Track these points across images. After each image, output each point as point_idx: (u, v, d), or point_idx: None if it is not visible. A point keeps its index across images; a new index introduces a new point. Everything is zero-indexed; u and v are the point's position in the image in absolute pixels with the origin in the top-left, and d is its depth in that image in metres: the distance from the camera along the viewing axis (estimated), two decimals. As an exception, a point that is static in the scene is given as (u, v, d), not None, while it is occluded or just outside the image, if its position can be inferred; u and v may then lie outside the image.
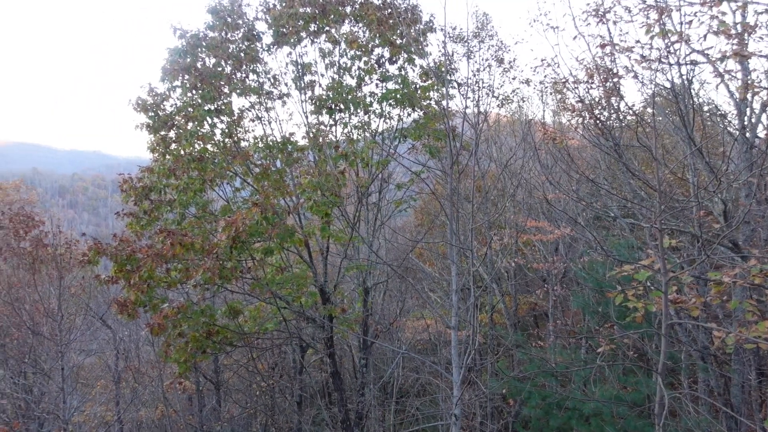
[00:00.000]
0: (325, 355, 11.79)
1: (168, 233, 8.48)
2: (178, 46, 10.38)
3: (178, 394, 15.24)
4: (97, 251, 8.91)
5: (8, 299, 13.27)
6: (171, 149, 10.55)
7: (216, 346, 9.87)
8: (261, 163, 11.05)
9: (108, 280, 9.18)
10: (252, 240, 9.27)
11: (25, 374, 13.15)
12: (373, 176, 11.30)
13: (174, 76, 10.15)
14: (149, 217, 10.30)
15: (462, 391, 7.45)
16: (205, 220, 10.69)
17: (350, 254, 11.34)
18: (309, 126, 11.02)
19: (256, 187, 10.79)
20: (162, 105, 10.51)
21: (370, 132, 11.14)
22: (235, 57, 10.49)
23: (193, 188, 10.25)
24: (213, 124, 10.70)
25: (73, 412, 11.69)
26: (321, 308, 10.69)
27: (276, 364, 15.49)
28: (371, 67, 10.90)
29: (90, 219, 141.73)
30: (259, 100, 11.04)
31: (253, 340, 11.45)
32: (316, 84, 11.06)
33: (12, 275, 14.54)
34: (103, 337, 16.37)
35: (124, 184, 10.40)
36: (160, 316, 8.52)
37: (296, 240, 10.02)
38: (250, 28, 10.72)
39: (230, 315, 9.65)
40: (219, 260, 8.61)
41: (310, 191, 9.91)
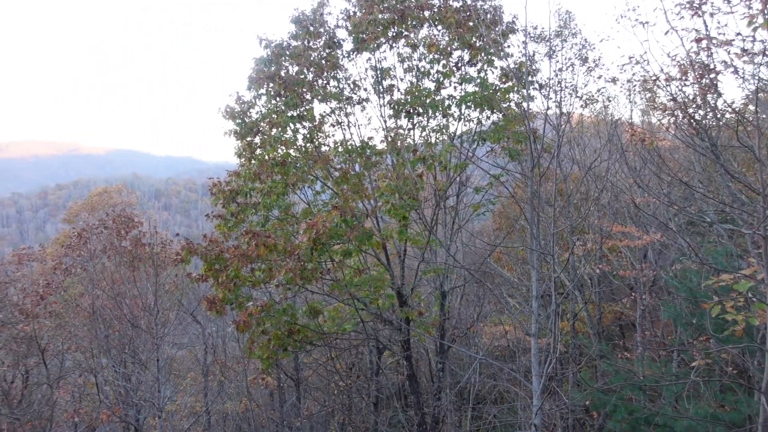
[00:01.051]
0: (401, 357, 11.85)
1: (253, 234, 8.86)
2: (263, 56, 10.86)
3: (261, 389, 15.85)
4: (188, 251, 9.47)
5: (111, 294, 14.41)
6: (256, 154, 11.02)
7: (297, 344, 10.19)
8: (340, 167, 11.30)
9: (198, 278, 9.74)
10: (332, 242, 9.49)
11: (125, 364, 14.18)
12: (451, 179, 11.23)
13: (260, 85, 10.62)
14: (236, 219, 10.81)
15: (542, 401, 7.23)
16: (288, 222, 11.07)
17: (427, 257, 11.33)
18: (387, 130, 11.14)
19: (336, 191, 11.04)
20: (248, 112, 11.02)
21: (449, 135, 11.09)
22: (317, 64, 10.81)
23: (276, 191, 10.65)
24: (295, 129, 11.07)
25: (166, 401, 12.47)
26: (398, 311, 10.75)
27: (353, 365, 15.74)
28: (450, 70, 10.86)
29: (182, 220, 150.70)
30: (339, 105, 11.30)
31: (332, 340, 11.70)
32: (394, 88, 11.17)
33: (115, 272, 15.75)
34: (194, 332, 17.35)
35: (214, 188, 10.98)
36: (245, 313, 8.91)
37: (374, 243, 10.15)
38: (331, 36, 11.01)
39: (310, 315, 9.93)
40: (300, 261, 8.89)
41: (388, 194, 10.01)
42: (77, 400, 15.21)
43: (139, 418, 13.44)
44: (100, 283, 15.52)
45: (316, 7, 11.09)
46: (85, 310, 15.38)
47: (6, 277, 16.46)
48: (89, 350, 15.26)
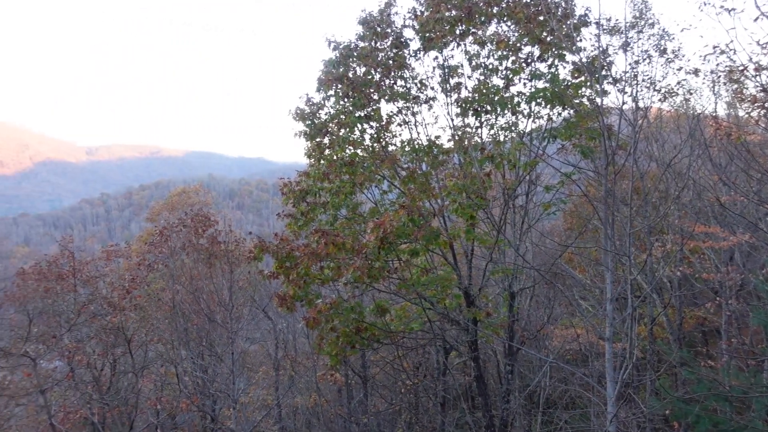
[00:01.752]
0: (468, 358, 11.72)
1: (322, 233, 9.04)
2: (332, 58, 11.06)
3: (330, 385, 16.17)
4: (261, 249, 9.79)
5: (190, 289, 15.17)
6: (325, 154, 11.24)
7: (364, 342, 10.31)
8: (407, 166, 11.33)
9: (270, 276, 10.05)
10: (399, 241, 9.53)
11: (202, 356, 14.88)
12: (520, 178, 10.99)
13: (328, 86, 10.82)
14: (305, 218, 11.08)
15: (617, 408, 6.94)
16: (355, 221, 11.22)
17: (495, 258, 11.15)
18: (454, 128, 11.05)
19: (403, 190, 11.07)
20: (317, 113, 11.26)
21: (518, 133, 10.85)
22: (384, 64, 10.88)
23: (344, 191, 10.83)
24: (363, 129, 11.20)
25: (240, 393, 12.98)
26: (465, 311, 10.65)
27: (420, 364, 15.74)
28: (519, 66, 10.62)
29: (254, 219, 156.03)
30: (406, 104, 11.32)
31: (399, 339, 11.75)
32: (462, 86, 11.06)
33: (193, 268, 16.56)
34: (265, 327, 17.94)
35: (284, 188, 11.30)
36: (314, 310, 9.12)
37: (441, 242, 10.10)
38: (398, 36, 11.05)
39: (378, 313, 10.01)
40: (368, 260, 8.99)
41: (456, 194, 9.93)
42: (159, 388, 16.09)
43: (215, 408, 14.07)
44: (179, 278, 16.37)
45: (383, 7, 11.16)
46: (166, 304, 16.27)
47: (96, 272, 17.69)
48: (170, 342, 16.12)
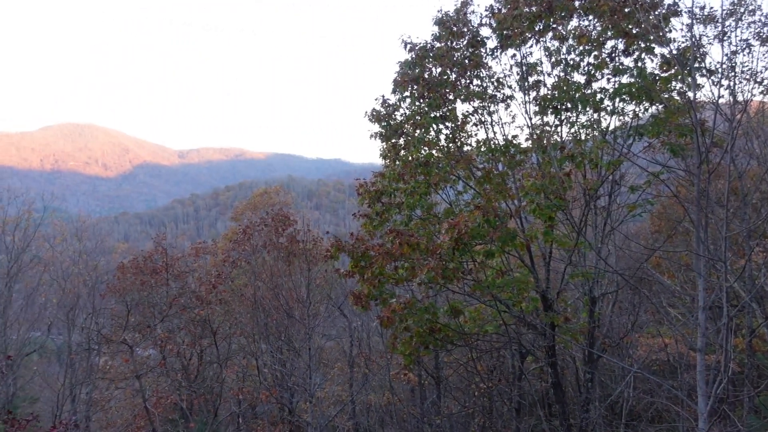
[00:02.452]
0: (545, 364, 11.38)
1: (397, 233, 9.10)
2: (407, 59, 11.10)
3: (403, 384, 16.24)
4: (337, 248, 10.00)
5: (270, 286, 15.77)
6: (400, 155, 11.30)
7: (438, 342, 10.27)
8: (483, 166, 11.16)
9: (345, 274, 10.24)
10: (473, 242, 9.42)
11: (281, 350, 15.43)
12: (602, 178, 10.53)
13: (404, 87, 10.88)
14: (380, 218, 11.19)
15: (710, 425, 6.49)
16: (430, 221, 11.20)
17: (575, 260, 10.74)
18: (533, 127, 10.77)
19: (478, 191, 10.93)
20: (393, 115, 11.35)
21: (600, 131, 10.40)
22: (460, 64, 10.79)
23: (419, 192, 10.84)
24: (438, 130, 11.16)
25: (316, 388, 13.33)
26: (542, 315, 10.35)
27: (495, 368, 15.47)
28: (602, 62, 10.18)
29: (331, 219, 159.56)
30: (482, 104, 11.17)
31: (473, 341, 11.61)
32: (541, 84, 10.76)
33: (273, 266, 17.21)
34: (341, 325, 18.33)
35: (360, 188, 11.48)
36: (388, 309, 9.19)
37: (517, 243, 9.88)
38: (475, 35, 10.92)
39: (452, 314, 9.95)
40: (442, 260, 8.95)
41: (533, 194, 9.67)
42: (241, 379, 16.88)
43: (293, 401, 14.54)
44: (260, 275, 17.07)
45: (460, 6, 11.07)
46: (248, 300, 17.01)
47: (186, 267, 18.81)
48: (251, 335, 16.84)
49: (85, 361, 17.20)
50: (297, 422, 15.00)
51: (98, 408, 17.92)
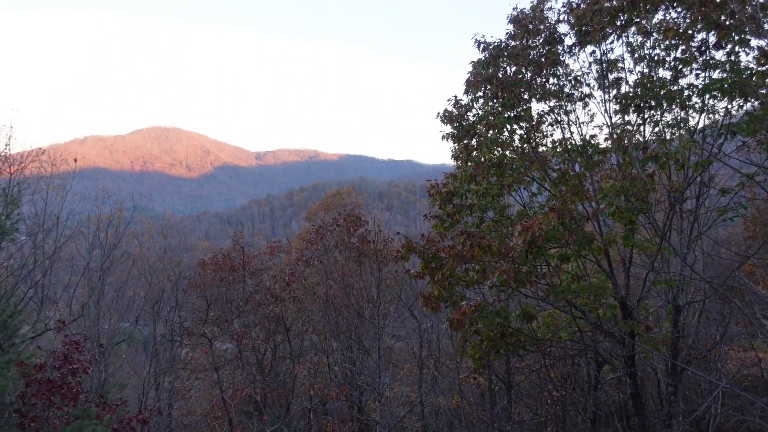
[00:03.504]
0: (624, 374, 10.87)
1: (468, 235, 9.01)
2: (480, 58, 10.96)
3: (473, 388, 16.03)
4: (408, 249, 10.04)
5: (342, 285, 16.06)
6: (472, 156, 11.17)
7: (509, 347, 10.06)
8: (559, 167, 10.84)
9: (416, 275, 10.25)
10: (548, 245, 9.16)
11: (351, 349, 15.67)
12: (689, 180, 9.92)
13: (477, 88, 10.74)
14: (452, 220, 11.12)
15: (809, 447, 5.95)
16: (502, 224, 11.00)
17: (658, 267, 10.19)
18: (612, 127, 10.33)
19: (553, 192, 10.62)
20: (465, 115, 11.23)
21: (687, 129, 9.81)
22: (536, 62, 10.52)
23: (491, 193, 10.68)
24: (512, 130, 10.94)
25: (385, 387, 13.42)
26: (621, 323, 9.89)
27: (569, 375, 14.95)
28: (691, 56, 9.59)
29: (401, 220, 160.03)
30: (558, 103, 10.84)
31: (546, 347, 11.28)
32: (622, 81, 10.29)
33: (344, 265, 17.51)
34: (410, 326, 18.35)
35: (431, 190, 11.45)
36: (459, 312, 9.11)
37: (595, 248, 9.50)
38: (552, 32, 10.61)
39: (524, 319, 9.71)
40: (514, 264, 8.76)
41: (613, 196, 9.27)
42: (312, 376, 17.26)
43: (362, 400, 14.72)
44: (332, 274, 17.40)
45: (536, 3, 10.79)
46: (320, 298, 17.39)
47: (262, 265, 19.50)
48: (323, 333, 17.20)
49: (168, 352, 18.21)
50: (366, 420, 15.17)
51: (179, 396, 18.94)
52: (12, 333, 10.54)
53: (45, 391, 8.93)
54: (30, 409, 8.80)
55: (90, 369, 10.51)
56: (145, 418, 10.03)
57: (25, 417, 8.67)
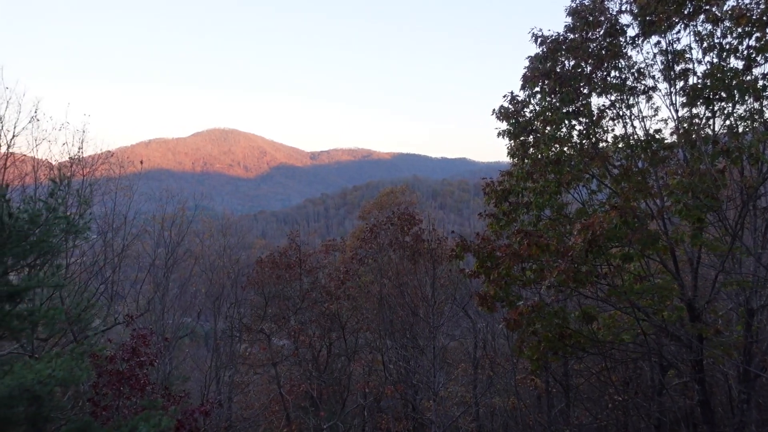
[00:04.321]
0: (691, 379, 10.37)
1: (525, 234, 8.84)
2: (538, 53, 10.71)
3: (529, 390, 15.72)
4: (462, 248, 9.95)
5: (396, 283, 16.10)
6: (529, 153, 10.94)
7: (568, 349, 9.81)
8: (620, 163, 10.45)
9: (471, 274, 10.15)
10: (609, 245, 8.85)
11: (405, 347, 15.68)
12: (764, 175, 9.34)
13: (534, 83, 10.50)
14: (507, 218, 10.94)
15: None
16: (560, 222, 10.72)
17: (729, 267, 9.65)
18: (679, 120, 9.86)
19: (615, 190, 10.25)
20: (522, 111, 11.01)
21: (762, 122, 9.24)
22: (596, 55, 10.18)
23: (548, 191, 10.43)
24: (571, 126, 10.64)
25: (440, 387, 13.35)
26: (688, 326, 9.44)
27: (631, 379, 14.41)
28: (766, 44, 9.03)
29: (455, 219, 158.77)
30: (620, 97, 10.46)
31: (607, 350, 10.91)
32: (689, 72, 9.81)
33: (398, 264, 17.55)
34: (465, 325, 18.17)
35: (486, 188, 11.30)
36: (515, 312, 8.95)
37: (660, 247, 9.09)
38: (613, 23, 10.23)
39: (584, 320, 9.43)
40: (574, 263, 8.52)
41: (680, 193, 8.84)
42: (367, 373, 17.38)
43: (416, 398, 14.70)
44: (386, 273, 17.47)
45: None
46: (374, 296, 17.49)
47: (317, 263, 19.80)
48: (377, 331, 17.29)
49: (228, 347, 18.79)
50: (420, 419, 15.14)
51: (239, 390, 19.51)
52: (85, 326, 11.15)
53: (115, 381, 9.40)
54: (102, 399, 9.29)
55: (156, 362, 11.00)
56: (207, 410, 10.38)
57: (98, 406, 9.15)
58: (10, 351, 9.16)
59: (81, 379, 7.35)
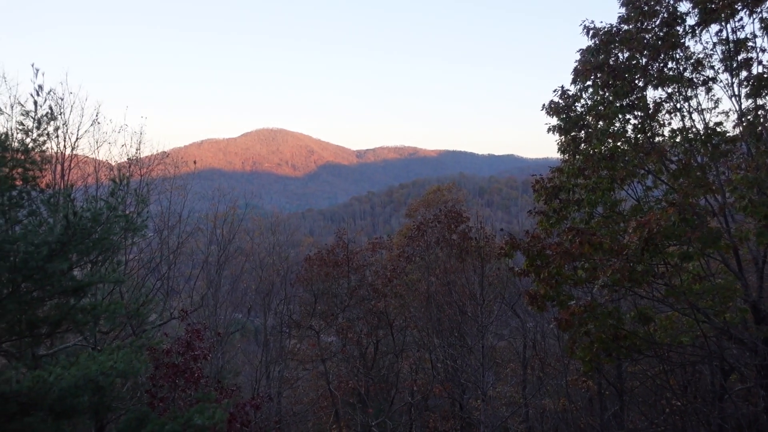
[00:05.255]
0: (756, 385, 9.85)
1: (577, 232, 8.61)
2: (590, 45, 10.41)
3: (581, 392, 15.33)
4: (511, 246, 9.78)
5: (444, 281, 16.00)
6: (581, 149, 10.66)
7: (622, 351, 9.49)
8: (678, 158, 10.03)
9: (520, 273, 9.97)
10: (667, 243, 8.50)
11: (453, 345, 15.57)
12: (838, 169, 8.77)
13: (586, 77, 10.22)
14: (558, 216, 10.69)
15: None
16: (613, 220, 10.39)
17: (799, 267, 9.11)
18: (742, 112, 9.37)
19: (672, 185, 9.85)
20: (573, 106, 10.73)
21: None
22: (652, 46, 9.80)
23: (601, 187, 10.12)
24: (625, 120, 10.29)
25: (489, 386, 13.19)
26: (753, 328, 8.97)
27: (690, 383, 13.81)
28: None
29: (502, 217, 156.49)
30: (677, 89, 10.03)
31: (664, 352, 10.51)
32: (753, 62, 9.31)
33: (446, 262, 17.44)
34: (513, 325, 17.89)
35: (536, 185, 11.07)
36: (567, 312, 8.73)
37: (722, 245, 8.66)
38: (671, 12, 9.82)
39: (640, 321, 9.11)
40: (628, 262, 8.23)
41: (744, 189, 8.41)
42: (414, 371, 17.37)
43: (464, 398, 14.57)
44: (434, 271, 17.39)
45: (652, -17, 10.05)
46: (422, 294, 17.44)
47: (364, 261, 19.91)
48: (425, 329, 17.25)
49: (278, 343, 19.17)
50: (468, 419, 15.01)
51: (288, 386, 19.87)
52: (143, 320, 11.60)
53: (171, 374, 9.74)
54: (158, 390, 9.65)
55: (209, 356, 11.32)
56: (258, 404, 10.62)
57: (155, 397, 9.51)
58: (74, 343, 9.63)
59: (140, 371, 7.64)
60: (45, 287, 7.02)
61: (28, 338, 7.49)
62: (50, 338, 8.47)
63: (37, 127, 7.45)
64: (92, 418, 9.08)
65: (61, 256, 6.75)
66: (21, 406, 6.26)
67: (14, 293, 6.78)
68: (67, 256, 6.92)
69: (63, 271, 6.96)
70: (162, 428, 7.40)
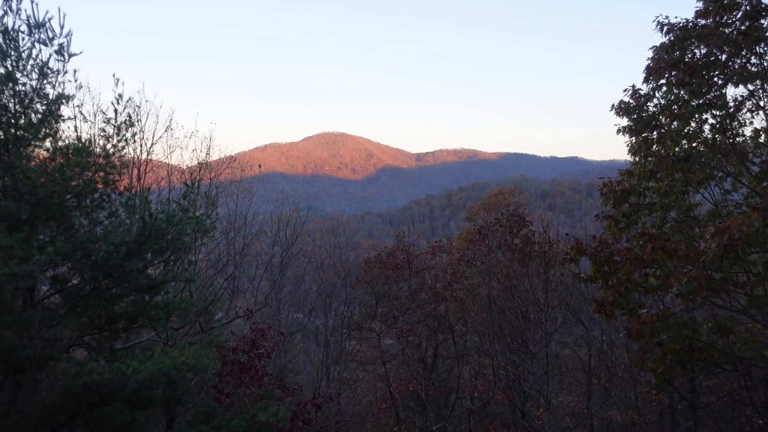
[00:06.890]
0: None
1: (649, 237, 8.23)
2: (664, 42, 9.93)
3: (651, 405, 14.63)
4: (577, 251, 9.48)
5: (505, 286, 15.69)
6: (653, 150, 10.19)
7: (699, 363, 8.98)
8: (762, 159, 9.39)
9: (587, 279, 9.64)
10: (749, 250, 7.97)
11: (515, 352, 15.22)
12: None
13: (659, 75, 9.75)
14: (627, 220, 10.27)
15: None
16: (688, 225, 9.87)
17: None
18: (836, 110, 8.67)
19: (755, 189, 9.23)
20: (645, 106, 10.27)
21: None
22: (732, 41, 9.23)
23: (675, 191, 9.64)
24: (702, 120, 9.75)
25: (553, 395, 12.81)
26: None
27: (774, 401, 12.89)
28: None
29: (565, 220, 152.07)
30: (761, 86, 9.40)
31: (746, 366, 9.85)
32: None
33: (508, 266, 17.10)
34: (578, 333, 17.30)
35: (604, 188, 10.67)
36: (638, 321, 8.36)
37: (813, 253, 8.06)
38: (754, 5, 9.22)
39: (718, 332, 8.59)
40: (706, 270, 7.78)
41: (839, 192, 7.78)
42: (474, 377, 17.12)
43: (526, 406, 14.22)
44: (495, 275, 17.09)
45: (733, -26, 9.47)
46: (483, 299, 17.18)
47: (424, 264, 19.86)
48: (486, 335, 16.98)
49: (338, 344, 19.41)
50: (530, 428, 14.62)
51: (347, 386, 20.07)
52: (210, 318, 12.05)
53: (237, 371, 10.06)
54: (225, 386, 9.98)
55: (273, 354, 11.61)
56: (319, 403, 10.80)
57: (221, 392, 9.84)
58: (148, 338, 10.12)
59: (208, 367, 7.94)
60: (123, 284, 7.43)
61: (107, 332, 7.94)
62: (126, 333, 8.94)
63: (117, 133, 7.91)
64: (164, 411, 9.50)
65: (137, 255, 7.12)
66: (101, 396, 6.64)
67: (96, 290, 7.21)
68: (143, 255, 7.29)
69: (139, 269, 7.34)
70: (228, 423, 7.66)
